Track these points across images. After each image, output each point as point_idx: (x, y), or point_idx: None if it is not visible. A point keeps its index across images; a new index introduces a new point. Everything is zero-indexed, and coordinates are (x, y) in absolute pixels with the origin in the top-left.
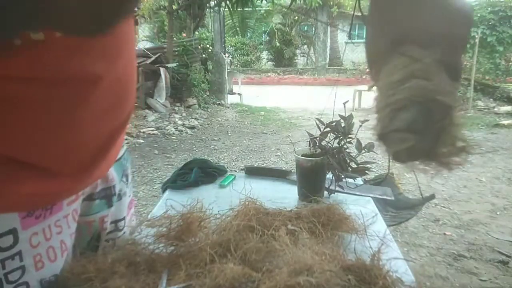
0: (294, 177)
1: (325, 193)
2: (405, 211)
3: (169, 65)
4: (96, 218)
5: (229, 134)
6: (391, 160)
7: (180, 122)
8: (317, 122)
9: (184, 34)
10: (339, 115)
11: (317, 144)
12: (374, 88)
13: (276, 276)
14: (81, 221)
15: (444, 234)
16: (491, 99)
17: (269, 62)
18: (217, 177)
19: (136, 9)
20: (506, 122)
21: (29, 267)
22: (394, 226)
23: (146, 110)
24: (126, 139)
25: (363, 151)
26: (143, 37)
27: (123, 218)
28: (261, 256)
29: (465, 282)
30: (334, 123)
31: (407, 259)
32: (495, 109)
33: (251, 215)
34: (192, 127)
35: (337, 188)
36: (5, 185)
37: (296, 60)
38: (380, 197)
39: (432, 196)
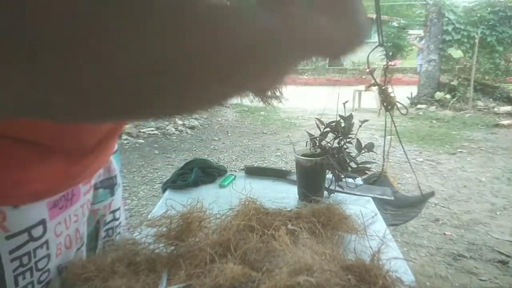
0: (294, 177)
1: (325, 193)
2: (407, 209)
3: None
4: (100, 207)
5: (229, 134)
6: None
7: (180, 122)
8: (317, 122)
9: None
10: (339, 115)
11: (317, 144)
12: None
13: (276, 276)
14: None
15: (444, 234)
16: (491, 99)
17: None
18: (217, 177)
19: None
20: (505, 122)
21: (52, 255)
22: (394, 226)
23: None
24: (126, 139)
25: (363, 151)
26: None
27: (119, 208)
28: (261, 256)
29: (465, 282)
30: (334, 123)
31: (407, 259)
32: (495, 109)
33: (251, 215)
34: (192, 127)
35: (337, 188)
36: (38, 169)
37: None
38: (380, 197)
39: (432, 193)
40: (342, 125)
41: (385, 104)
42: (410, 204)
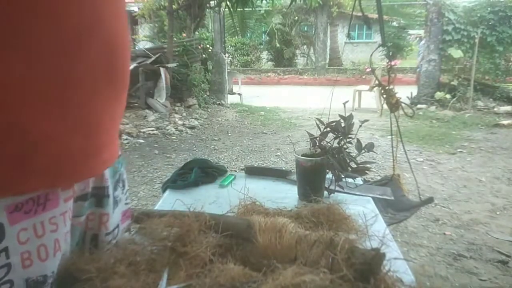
0: (294, 177)
1: (325, 193)
2: (402, 212)
3: (169, 65)
4: (84, 219)
5: (229, 134)
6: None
7: (180, 122)
8: (317, 122)
9: (184, 34)
10: (339, 115)
11: (317, 144)
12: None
13: (279, 276)
14: (74, 222)
15: (444, 234)
16: (491, 99)
17: (269, 62)
18: (217, 177)
19: (136, 9)
20: (505, 122)
21: (16, 265)
22: (394, 226)
23: (146, 110)
24: (126, 139)
25: (363, 151)
26: (143, 37)
27: (117, 226)
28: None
29: (465, 282)
30: (334, 123)
31: (407, 259)
32: (495, 109)
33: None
34: (192, 127)
35: (337, 188)
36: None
37: (296, 60)
38: (380, 197)
39: (431, 199)
40: (342, 125)
41: (389, 104)
42: (408, 208)
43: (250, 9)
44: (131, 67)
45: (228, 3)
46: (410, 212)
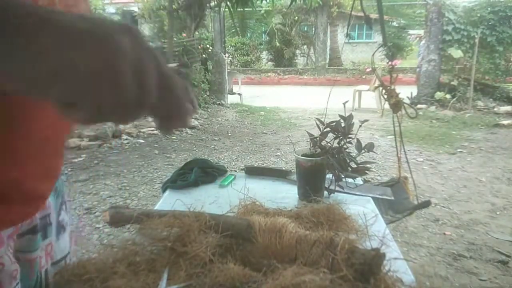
0: (294, 177)
1: (325, 193)
2: (399, 214)
3: (169, 65)
4: (38, 255)
5: (229, 134)
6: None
7: None
8: (317, 122)
9: (184, 34)
10: (339, 115)
11: (317, 144)
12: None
13: (279, 276)
14: (22, 259)
15: (444, 234)
16: (491, 99)
17: (269, 62)
18: (217, 177)
19: (136, 9)
20: (505, 122)
21: None
22: (394, 226)
23: None
24: (126, 139)
25: (363, 151)
26: None
27: (68, 254)
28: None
29: (465, 282)
30: (334, 123)
31: (407, 259)
32: (495, 109)
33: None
34: (192, 127)
35: (337, 188)
36: None
37: (296, 60)
38: (380, 197)
39: (427, 203)
40: (342, 125)
41: (392, 105)
42: (405, 210)
43: (250, 9)
44: None
45: (228, 3)
46: (402, 214)
